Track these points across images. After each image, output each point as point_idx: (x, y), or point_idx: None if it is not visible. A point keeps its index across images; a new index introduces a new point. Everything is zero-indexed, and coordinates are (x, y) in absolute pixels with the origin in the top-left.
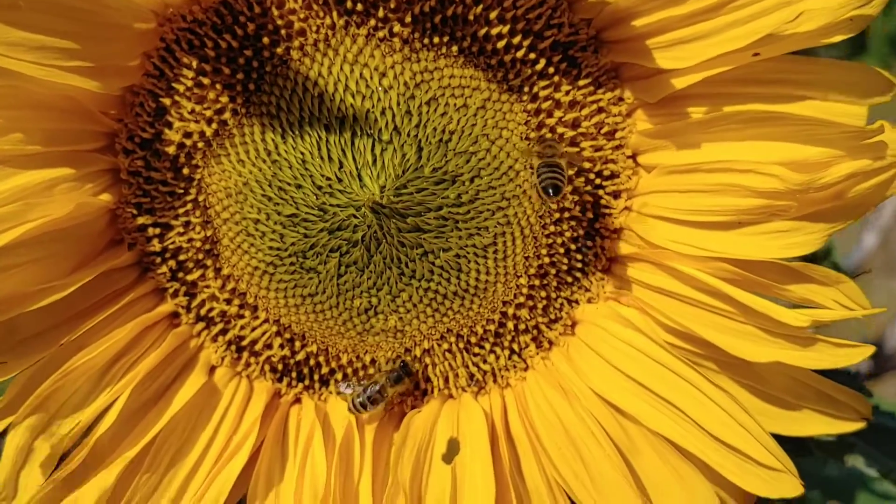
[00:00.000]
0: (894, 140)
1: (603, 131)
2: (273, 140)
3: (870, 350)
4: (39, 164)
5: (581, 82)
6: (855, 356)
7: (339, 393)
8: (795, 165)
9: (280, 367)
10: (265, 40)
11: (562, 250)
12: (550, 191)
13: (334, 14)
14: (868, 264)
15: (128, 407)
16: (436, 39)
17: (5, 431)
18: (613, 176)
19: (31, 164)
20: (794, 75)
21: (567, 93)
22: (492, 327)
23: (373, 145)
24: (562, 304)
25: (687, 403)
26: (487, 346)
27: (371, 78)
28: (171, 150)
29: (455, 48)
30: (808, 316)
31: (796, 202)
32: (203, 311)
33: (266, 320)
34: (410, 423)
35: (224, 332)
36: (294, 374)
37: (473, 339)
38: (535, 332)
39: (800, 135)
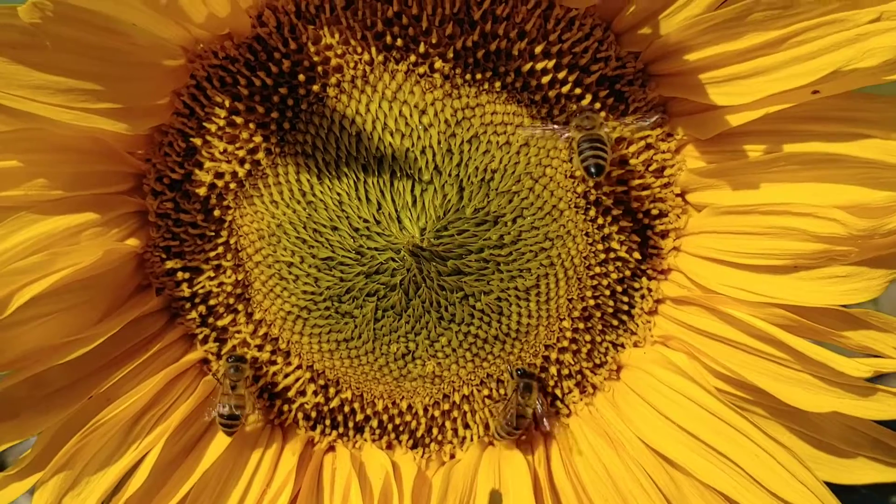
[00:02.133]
0: None
1: (651, 168)
2: (308, 180)
3: None
4: (64, 209)
5: (628, 118)
6: None
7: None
8: (858, 210)
9: (313, 414)
10: (301, 77)
11: (607, 292)
12: (593, 169)
13: (373, 50)
14: None
15: (159, 461)
16: (478, 75)
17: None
18: (662, 215)
19: (55, 210)
20: (855, 113)
21: (613, 128)
22: (534, 371)
23: (412, 186)
24: (607, 348)
25: (740, 455)
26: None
27: (410, 115)
28: (201, 191)
29: (498, 84)
30: (869, 366)
31: (857, 248)
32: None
33: (299, 366)
34: (451, 473)
35: (256, 378)
36: (328, 422)
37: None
38: (578, 376)
39: (862, 178)
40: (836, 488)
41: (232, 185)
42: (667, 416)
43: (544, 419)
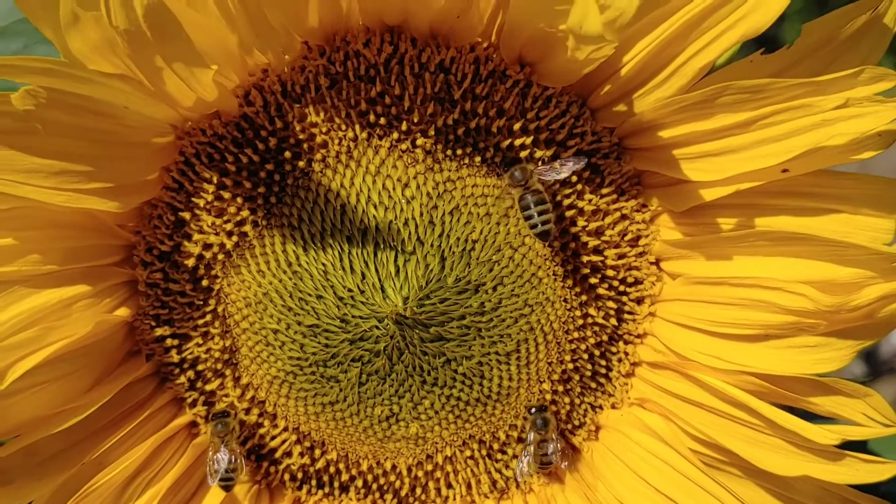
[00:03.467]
0: None
1: (626, 238)
2: (294, 251)
3: None
4: (56, 282)
5: (604, 190)
6: (884, 472)
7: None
8: (825, 285)
9: (300, 474)
10: (287, 154)
11: (585, 356)
12: (543, 238)
13: (356, 127)
14: None
15: None
16: (459, 150)
17: None
18: (637, 282)
19: (48, 284)
20: (824, 189)
21: (590, 201)
22: (514, 433)
23: (395, 256)
24: (585, 410)
25: None
26: (510, 451)
27: (393, 189)
28: (190, 262)
29: (478, 158)
30: (837, 434)
31: (826, 321)
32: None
33: (286, 428)
34: None
35: (244, 441)
36: (314, 482)
37: (496, 445)
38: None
39: (829, 255)
40: None
41: (220, 256)
42: (642, 478)
43: (525, 478)
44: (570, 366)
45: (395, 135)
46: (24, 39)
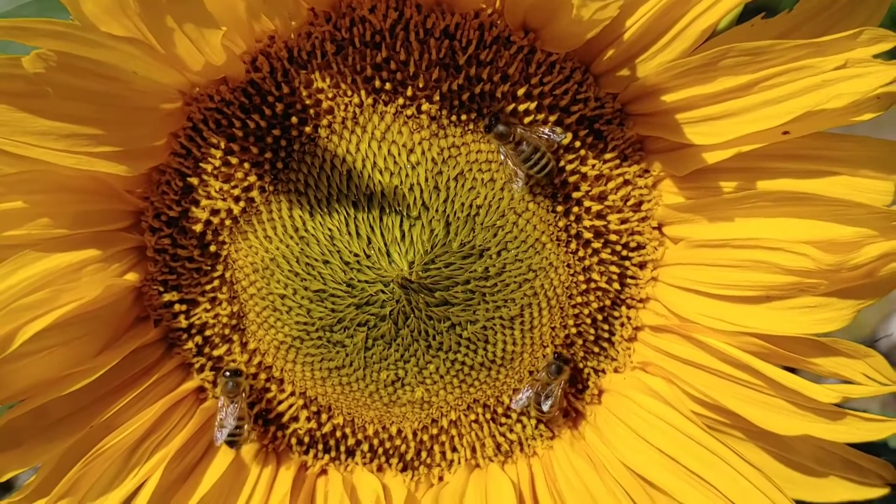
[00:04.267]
0: None
1: (629, 203)
2: (301, 217)
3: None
4: (66, 246)
5: (607, 155)
6: (883, 430)
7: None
8: (826, 245)
9: (307, 439)
10: (293, 119)
11: (588, 321)
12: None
13: (362, 93)
14: None
15: (159, 486)
16: (463, 116)
17: None
18: (639, 247)
19: (58, 248)
20: (824, 151)
21: (593, 166)
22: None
23: (401, 221)
24: (588, 374)
25: (716, 477)
26: (514, 415)
27: (399, 154)
28: (197, 227)
29: (482, 124)
30: (838, 392)
31: (827, 280)
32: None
33: (292, 393)
34: (440, 495)
35: (251, 405)
36: (320, 446)
37: (500, 409)
38: (561, 401)
39: (830, 214)
40: None
41: (227, 222)
42: (646, 440)
43: (529, 441)
44: (574, 330)
45: (401, 100)
46: None
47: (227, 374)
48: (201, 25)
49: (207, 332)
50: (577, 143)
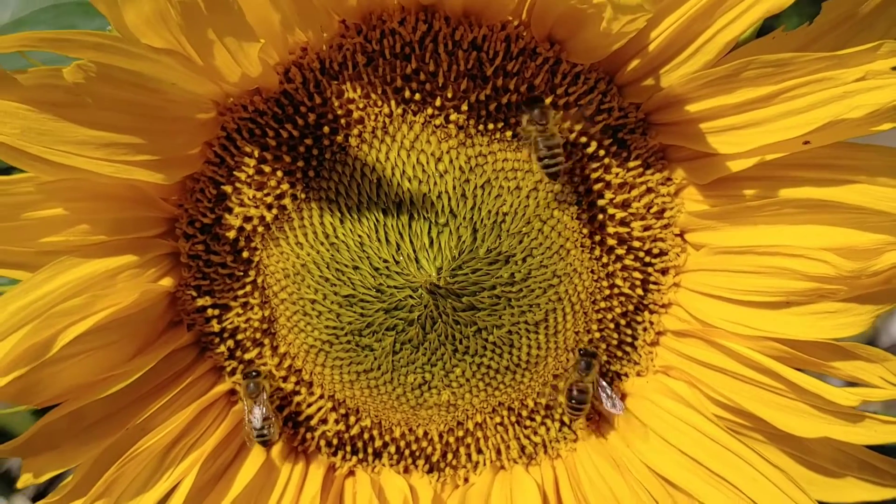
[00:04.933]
0: None
1: (652, 211)
2: (331, 223)
3: None
4: (104, 252)
5: (631, 164)
6: None
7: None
8: (846, 251)
9: (335, 441)
10: (325, 129)
11: (612, 325)
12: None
13: (392, 103)
14: None
15: (192, 488)
16: (490, 126)
17: None
18: (662, 254)
19: (95, 254)
20: (844, 161)
21: (617, 174)
22: (543, 400)
23: (429, 228)
24: (612, 378)
25: (737, 478)
26: (538, 418)
27: (427, 163)
28: (230, 234)
29: (509, 133)
30: (858, 395)
31: (846, 286)
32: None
33: (321, 396)
34: (466, 497)
35: (280, 408)
36: (348, 448)
37: (524, 412)
38: None
39: (850, 222)
40: None
41: (260, 229)
42: (669, 442)
43: (553, 444)
44: (597, 335)
45: (430, 110)
46: (44, 28)
47: (246, 376)
48: (241, 38)
49: (239, 336)
50: (602, 152)
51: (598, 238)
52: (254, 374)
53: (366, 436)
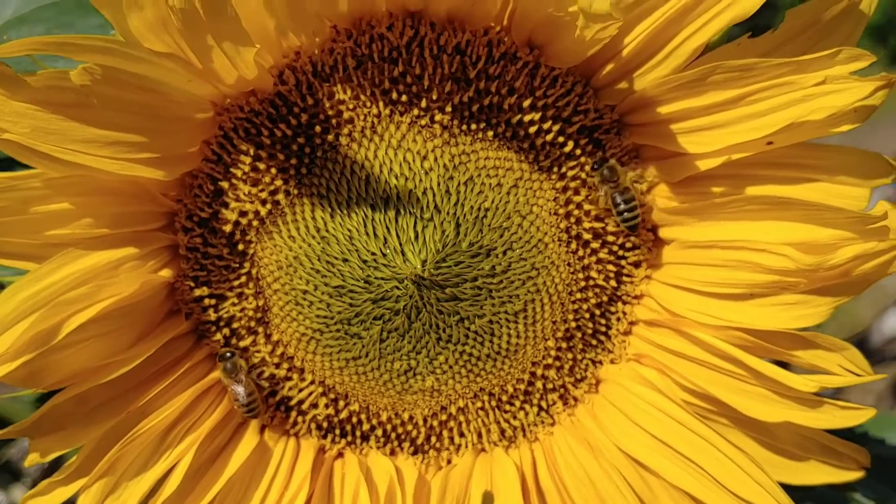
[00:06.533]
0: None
1: None
2: (322, 218)
3: (871, 412)
4: (107, 245)
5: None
6: (858, 418)
7: None
8: (806, 246)
9: (325, 424)
10: (317, 129)
11: (587, 315)
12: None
13: (380, 104)
14: None
15: (189, 468)
16: (473, 126)
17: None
18: (635, 248)
19: (99, 246)
20: (805, 160)
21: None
22: (521, 386)
23: (415, 223)
24: (587, 365)
25: (704, 459)
26: (517, 403)
27: (413, 161)
28: (227, 228)
29: (490, 133)
30: (816, 382)
31: (806, 279)
32: (254, 375)
33: (312, 382)
34: (448, 477)
35: (273, 394)
36: (337, 431)
37: (504, 398)
38: (562, 390)
39: (810, 218)
40: (797, 487)
41: (254, 223)
42: (640, 425)
43: (531, 428)
44: (573, 324)
45: (416, 111)
46: (45, 25)
47: (221, 358)
48: (238, 43)
49: (234, 325)
50: (578, 151)
51: (574, 232)
52: (228, 355)
53: (354, 419)
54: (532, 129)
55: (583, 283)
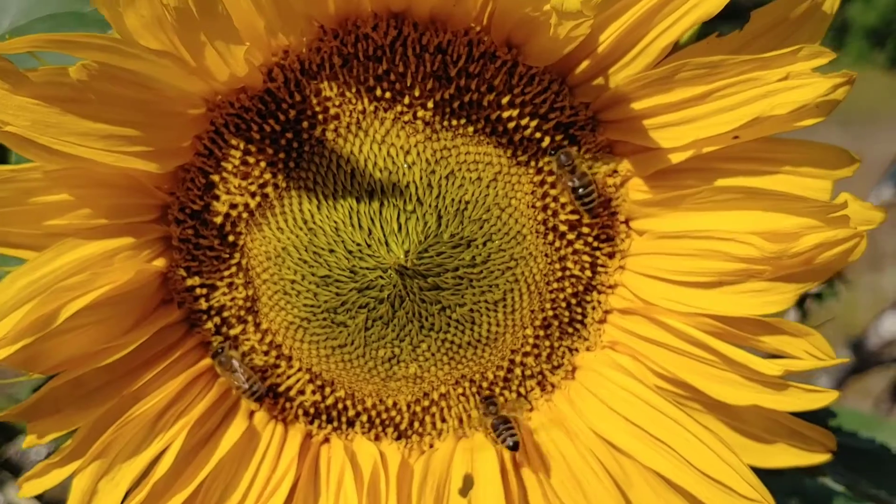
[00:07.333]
0: (856, 211)
1: (600, 200)
2: (309, 210)
3: (834, 395)
4: (103, 235)
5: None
6: (822, 400)
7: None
8: (770, 235)
9: (312, 410)
10: (304, 124)
11: (563, 304)
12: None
13: (365, 101)
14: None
15: (181, 451)
16: (454, 122)
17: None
18: (609, 239)
19: (95, 236)
20: (771, 154)
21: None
22: (501, 373)
23: (398, 215)
24: (563, 352)
25: (676, 442)
26: (497, 389)
27: (397, 155)
28: (218, 219)
29: (471, 129)
30: (781, 366)
31: (771, 267)
32: (246, 362)
33: (300, 369)
34: (430, 461)
35: (262, 380)
36: (324, 417)
37: (485, 384)
38: (539, 377)
39: (775, 208)
40: (769, 471)
41: (244, 215)
42: (614, 410)
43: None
44: (550, 313)
45: (399, 108)
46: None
47: (214, 355)
48: (229, 41)
49: (225, 314)
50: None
51: (551, 224)
52: (219, 350)
53: (340, 406)
54: (510, 125)
55: (559, 274)
